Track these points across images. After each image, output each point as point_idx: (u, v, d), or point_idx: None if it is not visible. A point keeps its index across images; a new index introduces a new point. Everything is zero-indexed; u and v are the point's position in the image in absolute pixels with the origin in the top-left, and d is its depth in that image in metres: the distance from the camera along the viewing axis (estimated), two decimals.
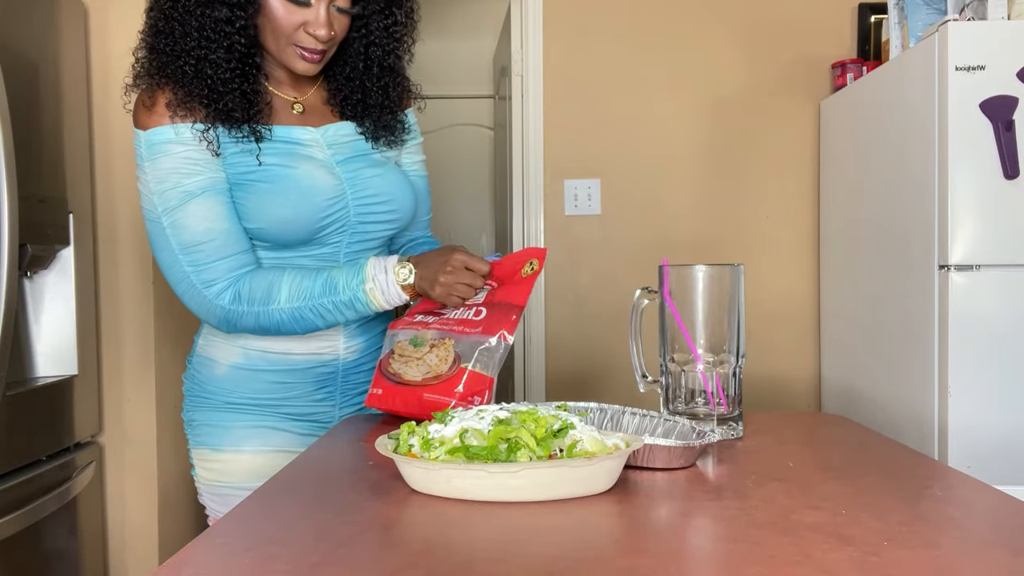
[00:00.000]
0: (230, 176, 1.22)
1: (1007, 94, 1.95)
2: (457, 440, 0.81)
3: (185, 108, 1.19)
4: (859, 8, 2.85)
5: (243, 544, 0.69)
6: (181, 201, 1.17)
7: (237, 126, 1.21)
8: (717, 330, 1.02)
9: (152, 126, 1.19)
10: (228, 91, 1.19)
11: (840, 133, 2.67)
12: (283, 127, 1.27)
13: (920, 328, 2.07)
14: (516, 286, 1.21)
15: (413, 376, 1.17)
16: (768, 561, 0.62)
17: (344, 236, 1.29)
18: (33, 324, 1.94)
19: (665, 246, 2.86)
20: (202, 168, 1.19)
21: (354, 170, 1.30)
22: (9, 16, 1.76)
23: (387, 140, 1.36)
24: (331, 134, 1.31)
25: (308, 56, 1.22)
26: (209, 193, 1.19)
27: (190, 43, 1.17)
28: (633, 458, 0.88)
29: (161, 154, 1.18)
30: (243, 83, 1.21)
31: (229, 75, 1.19)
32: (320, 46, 1.22)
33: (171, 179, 1.17)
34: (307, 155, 1.27)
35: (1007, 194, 1.96)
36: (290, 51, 1.22)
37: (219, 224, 1.19)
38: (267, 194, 1.21)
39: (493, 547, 0.67)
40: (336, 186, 1.26)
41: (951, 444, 1.96)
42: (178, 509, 2.29)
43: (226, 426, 1.29)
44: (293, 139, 1.27)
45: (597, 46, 2.90)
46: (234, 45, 1.19)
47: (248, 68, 1.22)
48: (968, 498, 0.81)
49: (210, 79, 1.18)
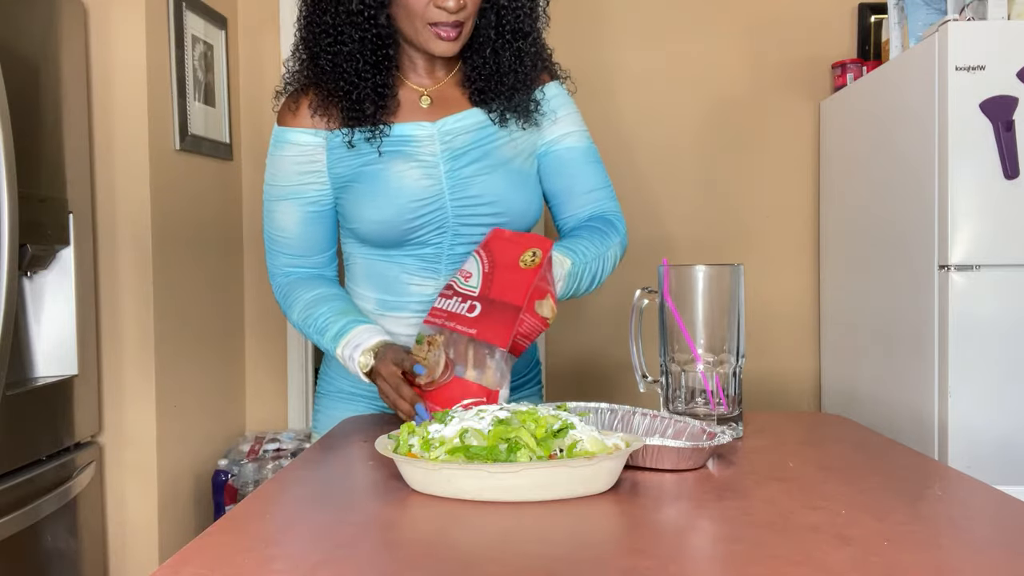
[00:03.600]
0: (344, 177, 1.27)
1: (1007, 94, 1.95)
2: (457, 440, 0.81)
3: (324, 110, 1.26)
4: (859, 8, 2.85)
5: (243, 544, 0.69)
6: (275, 198, 1.31)
7: (364, 126, 1.25)
8: (717, 330, 1.02)
9: (284, 124, 1.29)
10: (363, 85, 1.23)
11: (840, 133, 2.67)
12: (401, 124, 1.27)
13: (920, 328, 2.07)
14: (514, 278, 1.08)
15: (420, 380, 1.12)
16: (768, 561, 0.62)
17: (445, 237, 1.27)
18: (33, 324, 1.94)
19: (665, 246, 2.86)
20: (301, 176, 1.28)
21: (460, 168, 1.27)
22: (9, 16, 1.76)
23: (518, 122, 1.31)
24: (449, 126, 1.28)
25: (444, 34, 1.20)
26: (295, 202, 1.29)
27: (326, 40, 1.22)
28: (642, 459, 0.88)
29: (278, 150, 1.30)
30: (375, 76, 1.23)
31: (364, 68, 1.22)
32: (452, 18, 1.19)
33: (276, 176, 1.30)
34: (409, 153, 1.26)
35: (1007, 194, 1.95)
36: (426, 33, 1.21)
37: (292, 228, 1.30)
38: (360, 195, 1.26)
39: (493, 547, 0.67)
40: (431, 187, 1.25)
41: (951, 444, 1.95)
42: (178, 509, 2.29)
43: (331, 414, 1.35)
44: (407, 136, 1.27)
45: (597, 46, 2.90)
46: (367, 37, 1.21)
47: (381, 60, 1.23)
48: (968, 498, 0.81)
49: (345, 74, 1.22)
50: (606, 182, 1.39)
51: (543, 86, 1.34)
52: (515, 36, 1.28)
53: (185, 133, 2.28)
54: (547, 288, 1.08)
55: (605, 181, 1.39)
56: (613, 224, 1.35)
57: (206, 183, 2.45)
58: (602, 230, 1.32)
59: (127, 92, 2.12)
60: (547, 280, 1.09)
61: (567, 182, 1.35)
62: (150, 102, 2.13)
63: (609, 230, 1.32)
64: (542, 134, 1.34)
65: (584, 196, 1.35)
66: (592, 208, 1.36)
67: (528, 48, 1.29)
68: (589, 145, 1.37)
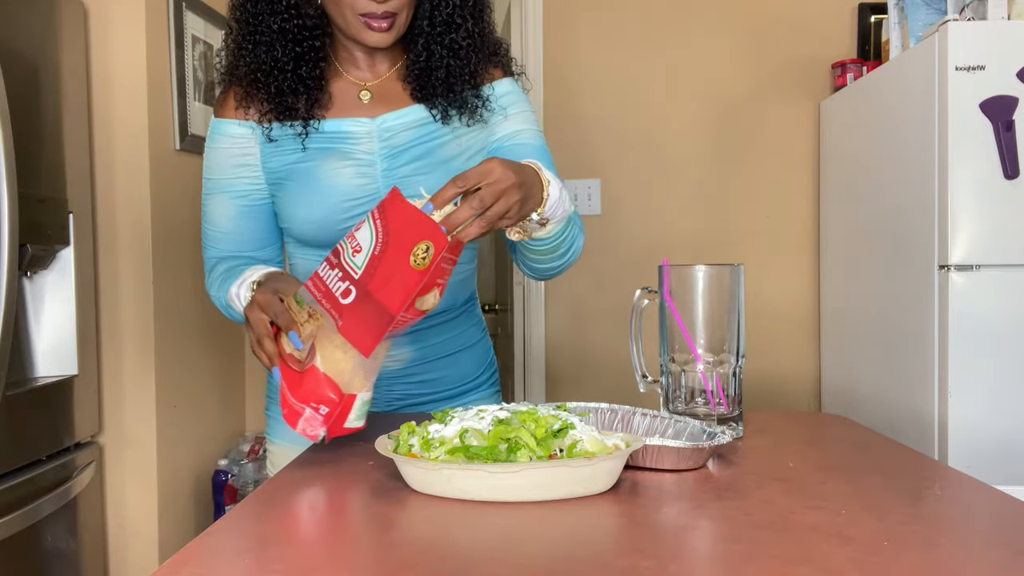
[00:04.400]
0: (276, 172, 1.22)
1: (1007, 94, 1.95)
2: (457, 440, 0.81)
3: (248, 102, 1.21)
4: (859, 8, 2.85)
5: (243, 544, 0.69)
6: (208, 192, 1.26)
7: (291, 121, 1.20)
8: (717, 330, 1.02)
9: (217, 115, 1.25)
10: (281, 78, 1.18)
11: (840, 133, 2.67)
12: (334, 120, 1.21)
13: (920, 328, 2.07)
14: (399, 274, 0.89)
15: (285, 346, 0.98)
16: (768, 561, 0.62)
17: None
18: (33, 324, 1.94)
19: (665, 246, 2.86)
20: (234, 169, 1.23)
21: (398, 167, 1.20)
22: (9, 16, 1.76)
23: (462, 119, 1.23)
24: (390, 123, 1.22)
25: (375, 25, 1.13)
26: (227, 195, 1.24)
27: (247, 29, 1.18)
28: (642, 459, 0.88)
29: (212, 142, 1.25)
30: (299, 68, 1.18)
31: (284, 60, 1.17)
32: (381, 8, 1.12)
33: (211, 169, 1.26)
34: (344, 151, 1.20)
35: (1007, 194, 1.95)
36: (357, 23, 1.14)
37: (224, 224, 1.25)
38: (292, 193, 1.21)
39: (493, 547, 0.67)
40: (365, 186, 1.19)
41: (951, 444, 1.96)
42: (178, 509, 2.29)
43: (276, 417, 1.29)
44: (343, 132, 1.21)
45: (597, 46, 2.90)
46: (287, 28, 1.16)
47: (306, 52, 1.18)
48: (968, 498, 0.81)
49: (264, 65, 1.17)
50: None
51: (493, 82, 1.26)
52: (448, 28, 1.20)
53: (185, 133, 2.28)
54: (434, 282, 0.92)
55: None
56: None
57: None
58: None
59: (127, 92, 2.12)
60: (437, 273, 0.91)
61: None
62: (150, 102, 2.13)
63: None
64: (492, 131, 1.26)
65: None
66: None
67: (462, 41, 1.20)
68: (540, 144, 1.28)
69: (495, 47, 1.26)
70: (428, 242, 0.89)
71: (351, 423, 0.97)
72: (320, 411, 0.95)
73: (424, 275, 0.88)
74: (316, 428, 0.95)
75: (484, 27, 1.23)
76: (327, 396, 0.95)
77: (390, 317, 0.89)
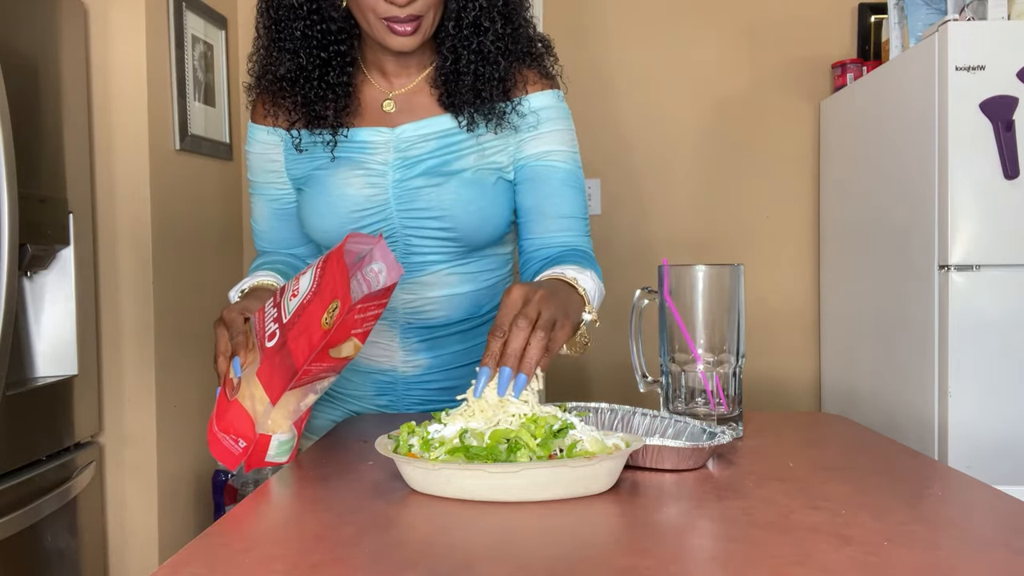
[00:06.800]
0: (299, 180, 1.24)
1: (1007, 94, 1.95)
2: (457, 440, 0.81)
3: (276, 110, 1.22)
4: (859, 8, 2.85)
5: (243, 544, 0.69)
6: (252, 191, 1.32)
7: (320, 129, 1.19)
8: (717, 330, 1.02)
9: (251, 120, 1.28)
10: (308, 86, 1.17)
11: (840, 133, 2.67)
12: (362, 128, 1.20)
13: (920, 328, 2.07)
14: (312, 330, 0.87)
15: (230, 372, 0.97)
16: (768, 561, 0.62)
17: (396, 248, 1.19)
18: (33, 324, 1.94)
19: (665, 246, 2.86)
20: (265, 174, 1.27)
21: (410, 178, 1.17)
22: (9, 16, 1.76)
23: (488, 125, 1.17)
24: (408, 133, 1.19)
25: (398, 29, 1.09)
26: (263, 197, 1.29)
27: (273, 35, 1.17)
28: (643, 459, 0.88)
29: (248, 147, 1.29)
30: (326, 75, 1.16)
31: (309, 66, 1.16)
32: (403, 12, 1.08)
33: (250, 170, 1.30)
34: (359, 160, 1.19)
35: (1007, 194, 1.95)
36: (380, 27, 1.10)
37: (263, 222, 1.31)
38: (308, 201, 1.22)
39: (493, 547, 0.67)
40: (374, 196, 1.18)
41: (951, 444, 1.95)
42: (178, 509, 2.29)
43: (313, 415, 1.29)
44: (364, 142, 1.20)
45: (597, 46, 2.90)
46: (310, 33, 1.15)
47: (332, 58, 1.16)
48: (968, 498, 0.81)
49: (289, 73, 1.17)
50: (583, 213, 1.23)
51: (533, 94, 1.21)
52: (476, 31, 1.14)
53: (185, 133, 2.28)
54: (349, 333, 0.88)
55: (583, 212, 1.23)
56: (592, 261, 1.20)
57: (206, 183, 2.45)
58: (582, 266, 1.13)
59: (127, 92, 2.12)
60: (349, 324, 0.88)
61: (538, 200, 1.20)
62: (150, 102, 2.13)
63: (588, 266, 1.14)
64: (523, 147, 1.21)
65: (555, 221, 1.20)
66: (564, 238, 1.21)
67: (491, 45, 1.14)
68: (574, 169, 1.22)
69: (528, 46, 1.21)
70: (338, 301, 0.86)
71: (271, 458, 0.95)
72: (239, 444, 0.94)
73: (327, 335, 0.86)
74: (233, 460, 0.94)
75: (517, 29, 1.18)
76: (244, 431, 0.93)
77: (294, 371, 0.88)
